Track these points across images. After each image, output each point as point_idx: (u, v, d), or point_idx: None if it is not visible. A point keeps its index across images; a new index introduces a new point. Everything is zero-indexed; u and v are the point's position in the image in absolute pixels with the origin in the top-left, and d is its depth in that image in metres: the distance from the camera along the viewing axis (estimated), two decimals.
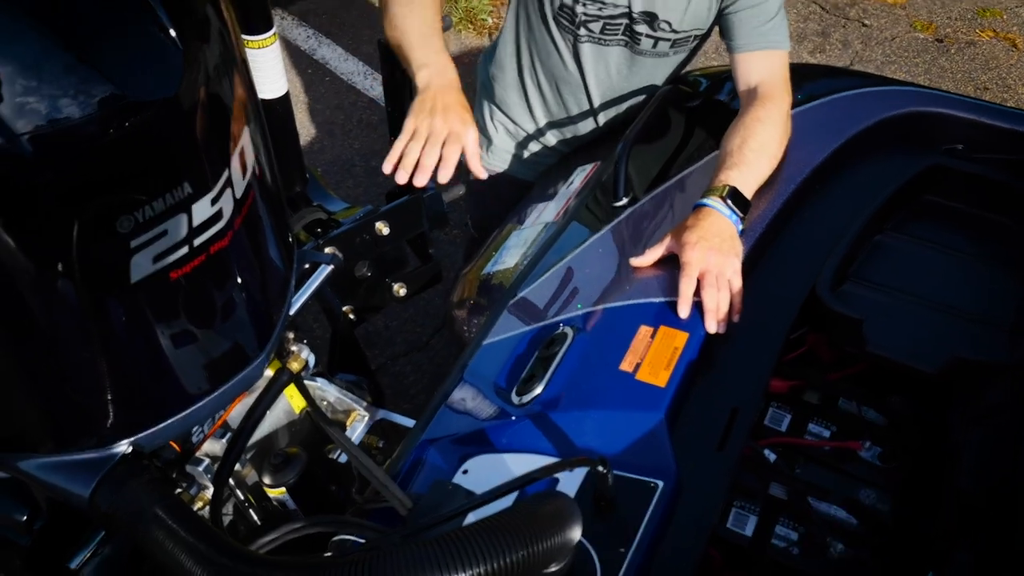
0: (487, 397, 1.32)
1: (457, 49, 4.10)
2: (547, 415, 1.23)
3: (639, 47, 1.82)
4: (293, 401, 1.37)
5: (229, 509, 1.31)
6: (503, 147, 2.12)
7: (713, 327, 1.33)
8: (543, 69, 1.95)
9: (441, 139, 1.41)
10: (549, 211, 1.80)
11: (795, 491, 1.34)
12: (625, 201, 1.60)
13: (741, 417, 1.26)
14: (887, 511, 1.31)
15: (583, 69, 1.89)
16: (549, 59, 1.91)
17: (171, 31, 0.84)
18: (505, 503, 1.02)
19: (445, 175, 1.39)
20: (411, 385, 2.78)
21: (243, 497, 1.30)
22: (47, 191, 0.78)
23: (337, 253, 1.39)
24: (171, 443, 1.07)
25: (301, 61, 4.05)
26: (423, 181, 1.39)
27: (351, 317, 1.67)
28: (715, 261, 1.36)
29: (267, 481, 1.29)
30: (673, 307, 1.35)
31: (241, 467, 1.30)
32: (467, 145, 1.44)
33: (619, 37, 1.81)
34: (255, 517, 1.30)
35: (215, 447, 1.25)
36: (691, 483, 1.16)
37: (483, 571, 0.79)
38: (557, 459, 1.09)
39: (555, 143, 2.07)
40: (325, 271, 1.34)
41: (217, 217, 0.90)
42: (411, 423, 1.36)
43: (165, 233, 0.85)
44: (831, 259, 1.48)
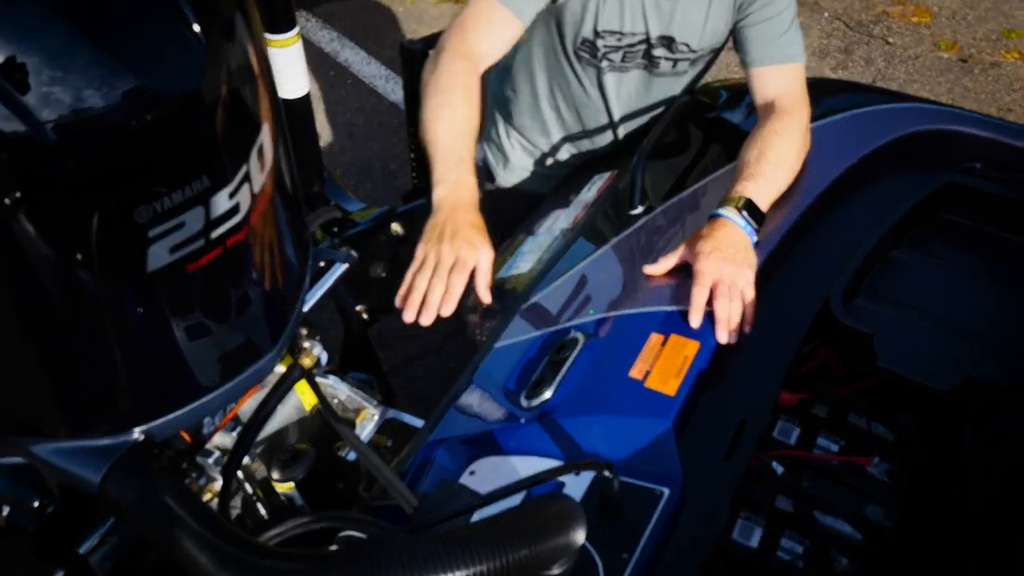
0: (496, 400, 1.32)
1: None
2: (556, 419, 1.24)
3: (658, 69, 1.84)
4: (304, 398, 1.38)
5: (237, 503, 1.32)
6: (520, 164, 2.12)
7: (724, 337, 1.33)
8: (562, 96, 1.96)
9: (447, 268, 1.35)
10: (564, 218, 1.81)
11: (801, 504, 1.33)
12: (641, 210, 1.61)
13: (749, 428, 1.26)
14: (893, 527, 1.31)
15: (606, 96, 1.90)
16: (569, 88, 1.93)
17: (195, 26, 0.85)
18: (510, 504, 1.03)
19: (447, 310, 1.33)
20: (423, 388, 2.79)
21: (251, 491, 1.31)
22: (69, 179, 0.80)
23: (352, 252, 1.40)
24: (182, 433, 1.09)
25: (324, 63, 4.08)
26: (428, 320, 1.32)
27: (364, 317, 1.68)
28: (728, 272, 1.37)
29: (276, 476, 1.30)
30: (685, 316, 1.35)
31: (250, 461, 1.31)
32: (477, 269, 1.38)
33: (638, 61, 1.83)
34: (262, 511, 1.31)
35: (225, 440, 1.26)
36: (697, 492, 1.16)
37: (487, 568, 0.80)
38: (564, 462, 1.09)
39: (572, 158, 2.08)
40: (340, 269, 1.35)
41: (234, 211, 0.92)
42: (420, 423, 1.37)
43: (183, 225, 0.86)
44: (844, 273, 1.48)
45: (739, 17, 1.73)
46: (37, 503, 1.10)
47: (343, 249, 1.43)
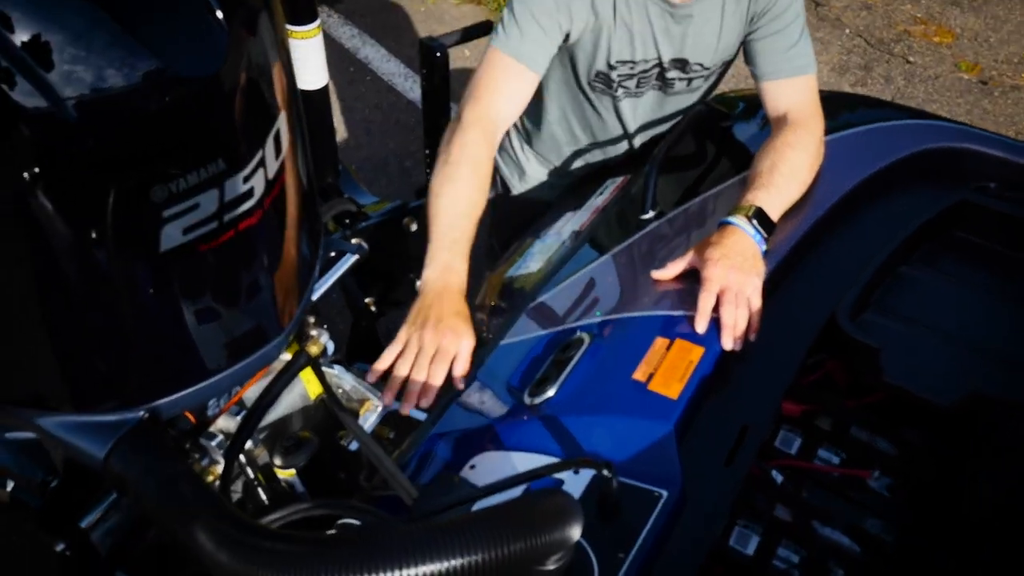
0: (499, 396, 1.33)
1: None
2: (557, 418, 1.24)
3: (672, 88, 1.85)
4: (309, 387, 1.39)
5: (239, 487, 1.34)
6: (535, 175, 2.13)
7: (729, 344, 1.33)
8: (577, 122, 1.96)
9: (429, 356, 1.34)
10: (576, 220, 1.82)
11: (800, 514, 1.33)
12: (652, 215, 1.62)
13: (751, 435, 1.26)
14: (892, 541, 1.31)
15: (622, 120, 1.91)
16: (584, 115, 1.94)
17: (218, 12, 0.86)
18: (508, 497, 1.03)
19: (426, 401, 1.31)
20: None
21: (253, 476, 1.32)
22: (88, 157, 0.81)
23: (363, 244, 1.41)
24: (187, 414, 1.10)
25: (344, 59, 4.10)
26: (407, 410, 1.30)
27: (373, 309, 1.69)
28: (736, 279, 1.37)
29: (278, 462, 1.31)
30: (691, 321, 1.36)
31: (253, 446, 1.33)
32: (458, 356, 1.36)
33: (652, 83, 1.84)
34: (263, 496, 1.32)
35: (229, 423, 1.27)
36: (696, 496, 1.17)
37: (482, 558, 0.81)
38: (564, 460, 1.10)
39: (587, 167, 2.08)
40: (350, 260, 1.36)
41: (248, 195, 0.93)
42: (423, 416, 1.38)
43: (197, 206, 0.88)
44: (853, 287, 1.48)
45: (749, 30, 1.73)
46: (41, 478, 1.11)
47: (354, 241, 1.44)
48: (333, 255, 1.37)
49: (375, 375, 1.34)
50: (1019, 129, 3.93)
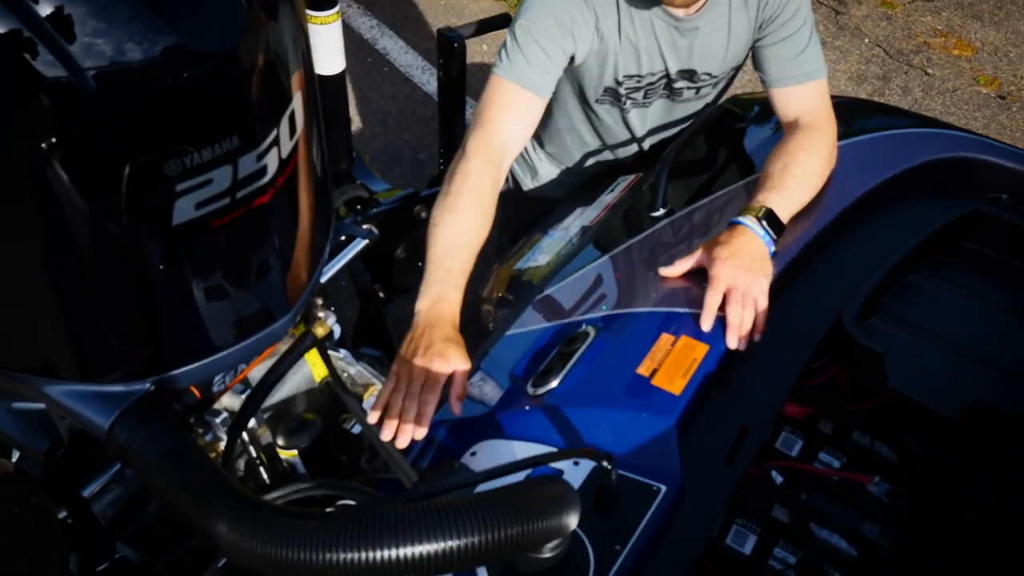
0: (503, 385, 1.34)
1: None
2: (560, 409, 1.25)
3: (681, 97, 1.85)
4: (315, 369, 1.40)
5: (241, 466, 1.35)
6: (546, 174, 2.13)
7: (734, 343, 1.34)
8: (587, 130, 1.96)
9: (419, 386, 1.28)
10: (586, 215, 1.82)
11: (798, 516, 1.33)
12: (662, 212, 1.62)
13: (752, 435, 1.26)
14: (889, 547, 1.31)
15: (630, 128, 1.91)
16: (592, 126, 1.94)
17: None
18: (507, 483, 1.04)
19: (420, 432, 1.25)
20: None
21: (255, 455, 1.33)
22: (105, 128, 0.82)
23: (373, 229, 1.42)
24: (192, 389, 1.10)
25: (362, 50, 4.11)
26: (404, 443, 1.24)
27: (381, 295, 1.70)
28: (743, 279, 1.37)
29: (280, 442, 1.33)
30: (697, 319, 1.36)
31: (257, 426, 1.34)
32: (452, 381, 1.30)
33: (660, 93, 1.83)
34: (264, 475, 1.33)
35: (234, 402, 1.28)
36: (694, 493, 1.17)
37: (479, 541, 0.81)
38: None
39: (598, 168, 2.08)
40: (360, 244, 1.37)
41: (261, 173, 0.93)
42: None
43: (210, 182, 0.88)
44: (860, 291, 1.48)
45: (758, 37, 1.71)
46: (46, 449, 1.13)
47: (365, 226, 1.44)
48: (343, 239, 1.37)
49: (374, 415, 1.28)
50: None
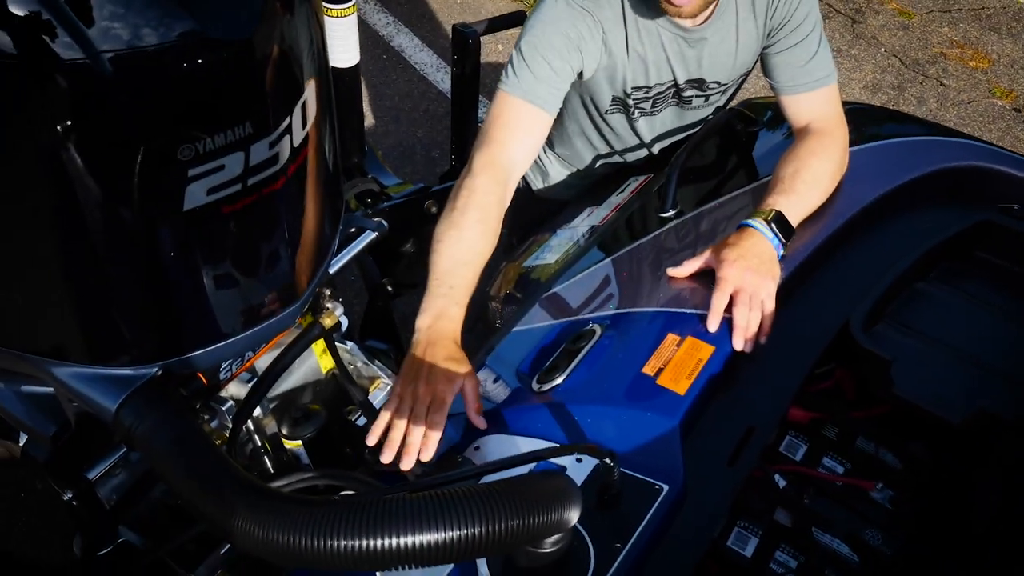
0: (508, 381, 1.34)
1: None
2: (564, 405, 1.25)
3: (690, 104, 1.85)
4: (322, 361, 1.41)
5: (244, 455, 1.35)
6: (557, 176, 2.13)
7: (740, 344, 1.34)
8: (596, 137, 1.96)
9: (425, 407, 1.24)
10: (596, 215, 1.83)
11: (800, 520, 1.33)
12: (672, 213, 1.62)
13: (756, 437, 1.26)
14: (891, 553, 1.31)
15: (639, 136, 1.91)
16: (601, 133, 1.93)
17: None
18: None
19: (426, 454, 1.21)
20: None
21: (260, 444, 1.33)
22: (120, 111, 0.82)
23: (383, 222, 1.42)
24: (199, 375, 1.11)
25: (378, 46, 4.12)
26: (408, 464, 1.20)
27: (389, 289, 1.71)
28: (751, 281, 1.37)
29: (285, 432, 1.33)
30: (703, 320, 1.36)
31: (263, 415, 1.34)
32: (465, 396, 1.28)
33: (669, 102, 1.83)
34: (268, 465, 1.34)
35: (240, 391, 1.29)
36: (696, 493, 1.17)
37: (480, 531, 0.81)
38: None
39: (608, 170, 2.08)
40: (369, 236, 1.37)
41: (273, 161, 0.94)
42: None
43: (222, 168, 0.89)
44: (868, 298, 1.48)
45: (767, 44, 1.70)
46: (53, 432, 1.13)
47: (375, 219, 1.45)
48: (353, 231, 1.38)
49: (374, 437, 1.23)
50: None
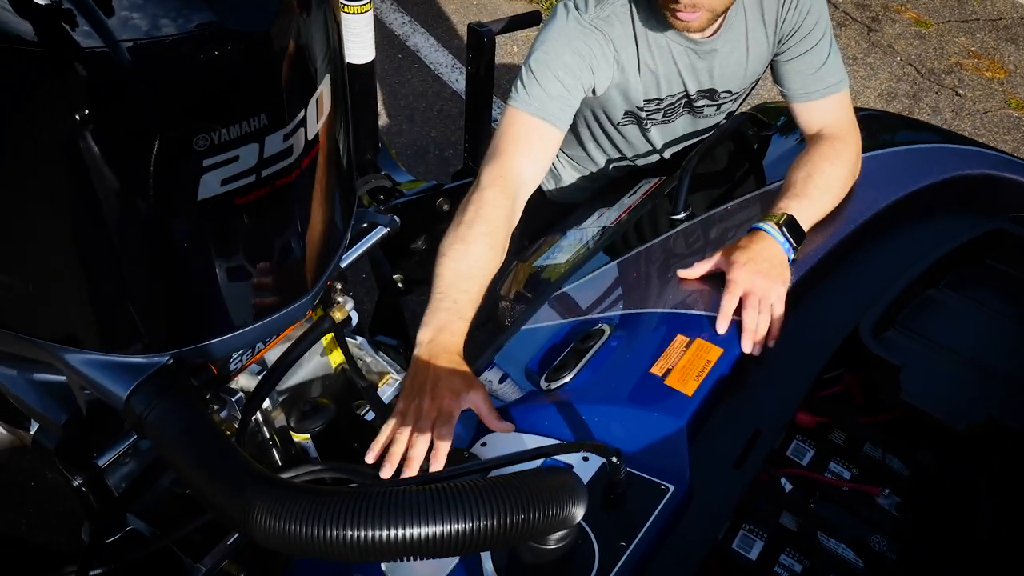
0: (516, 379, 1.34)
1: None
2: (572, 404, 1.25)
3: (702, 113, 1.85)
4: (331, 356, 1.41)
5: (254, 447, 1.36)
6: (568, 179, 2.13)
7: (749, 347, 1.34)
8: (608, 145, 1.96)
9: (430, 422, 1.21)
10: (607, 217, 1.83)
11: (806, 524, 1.33)
12: (683, 215, 1.62)
13: (763, 440, 1.26)
14: (896, 559, 1.30)
15: (652, 143, 1.91)
16: (613, 142, 1.94)
17: None
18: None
19: (436, 464, 1.18)
20: None
21: (268, 436, 1.34)
22: (137, 100, 0.83)
23: (395, 218, 1.43)
24: (210, 365, 1.12)
25: (393, 45, 4.14)
26: (413, 472, 1.17)
27: (400, 285, 1.71)
28: (760, 284, 1.37)
29: (294, 425, 1.34)
30: (712, 322, 1.36)
31: (271, 408, 1.35)
32: (477, 410, 1.25)
33: (681, 111, 1.83)
34: (276, 457, 1.34)
35: (250, 383, 1.30)
36: (702, 494, 1.17)
37: (484, 525, 0.82)
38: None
39: (620, 173, 2.08)
40: (381, 232, 1.38)
41: (287, 153, 0.95)
42: None
43: (236, 159, 0.90)
44: (879, 304, 1.48)
45: (778, 51, 1.70)
46: (64, 421, 1.14)
47: (387, 215, 1.45)
48: (365, 226, 1.38)
49: (374, 453, 1.20)
50: None
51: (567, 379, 1.29)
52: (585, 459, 1.19)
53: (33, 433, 1.21)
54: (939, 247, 1.60)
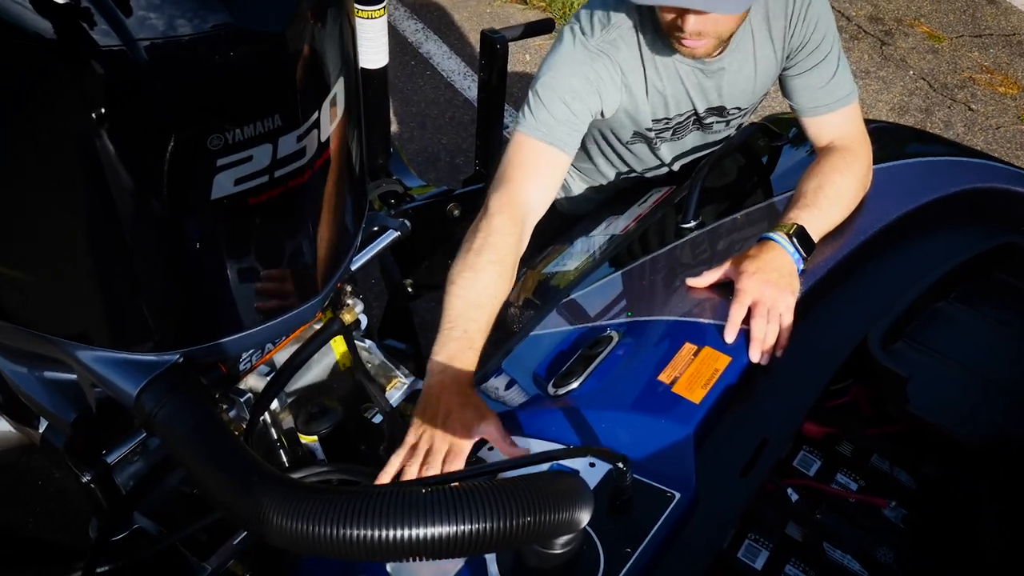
0: (524, 384, 1.35)
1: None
2: (579, 410, 1.25)
3: (711, 130, 1.85)
4: (340, 357, 1.42)
5: (261, 449, 1.36)
6: (577, 190, 2.13)
7: (757, 356, 1.34)
8: (618, 160, 1.96)
9: (441, 456, 1.21)
10: (617, 225, 1.83)
11: (812, 535, 1.33)
12: (693, 224, 1.62)
13: (769, 450, 1.26)
14: (901, 573, 1.30)
15: (661, 159, 1.92)
16: (623, 158, 1.94)
17: None
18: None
19: None
20: None
21: (276, 437, 1.35)
22: (153, 99, 0.84)
23: (406, 222, 1.44)
24: (220, 364, 1.12)
25: (406, 52, 4.15)
26: None
27: (409, 290, 1.72)
28: (769, 294, 1.37)
29: (301, 427, 1.34)
30: (721, 330, 1.36)
31: (280, 409, 1.35)
32: (493, 440, 1.24)
33: (690, 128, 1.83)
34: (284, 458, 1.35)
35: (259, 384, 1.30)
36: (708, 502, 1.17)
37: (492, 526, 0.82)
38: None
39: (629, 184, 2.08)
40: (392, 235, 1.38)
41: (300, 154, 0.95)
42: None
43: (250, 159, 0.90)
44: (888, 315, 1.47)
45: (786, 66, 1.70)
46: (73, 419, 1.15)
47: (398, 219, 1.46)
48: (376, 229, 1.39)
49: (385, 482, 1.20)
50: None
51: (575, 385, 1.29)
52: (592, 465, 1.19)
53: (42, 432, 1.22)
54: (949, 260, 1.60)
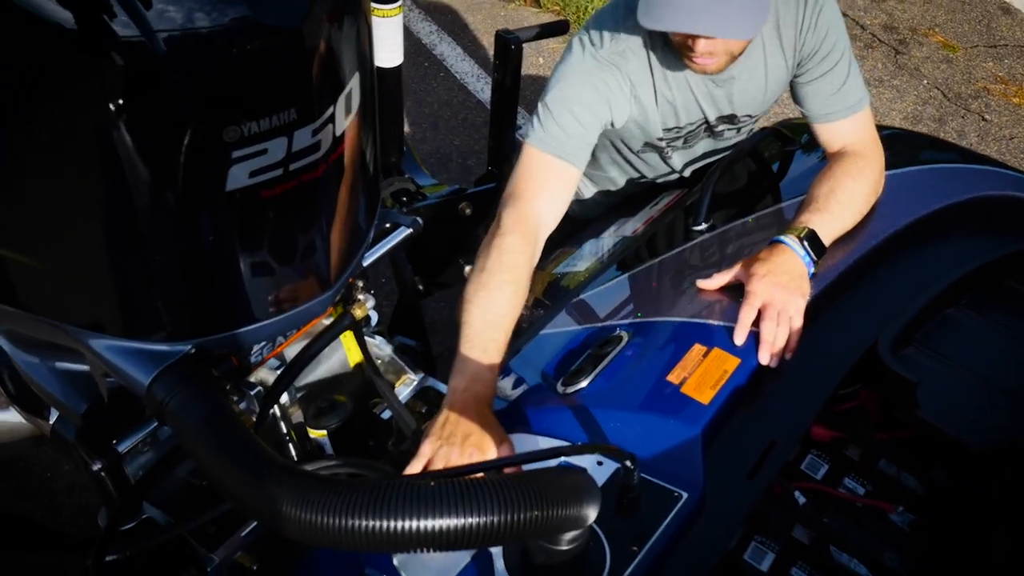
0: (533, 382, 1.35)
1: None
2: (588, 409, 1.26)
3: (722, 137, 1.86)
4: (350, 354, 1.42)
5: (271, 441, 1.37)
6: (588, 194, 2.13)
7: (766, 358, 1.34)
8: (629, 167, 1.97)
9: None
10: (629, 226, 1.84)
11: (818, 538, 1.33)
12: (704, 227, 1.62)
13: (777, 452, 1.26)
14: None
15: (672, 167, 1.92)
16: (634, 165, 1.94)
17: None
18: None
19: None
20: None
21: (285, 431, 1.35)
22: (171, 91, 0.85)
23: (418, 219, 1.44)
24: (231, 356, 1.13)
25: (420, 53, 4.16)
26: None
27: (420, 287, 1.73)
28: (779, 296, 1.37)
29: (310, 421, 1.35)
30: (730, 332, 1.36)
31: (289, 403, 1.36)
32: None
33: (701, 136, 1.84)
34: (292, 453, 1.35)
35: (269, 378, 1.31)
36: (715, 502, 1.17)
37: (501, 519, 0.82)
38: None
39: (640, 188, 2.08)
40: (404, 232, 1.39)
41: (314, 148, 0.96)
42: None
43: (265, 151, 0.91)
44: (898, 320, 1.47)
45: (797, 73, 1.70)
46: (84, 410, 1.16)
47: (410, 217, 1.47)
48: (388, 226, 1.40)
49: None
50: None
51: (584, 384, 1.29)
52: (599, 463, 1.19)
53: (53, 423, 1.23)
54: (960, 267, 1.60)
